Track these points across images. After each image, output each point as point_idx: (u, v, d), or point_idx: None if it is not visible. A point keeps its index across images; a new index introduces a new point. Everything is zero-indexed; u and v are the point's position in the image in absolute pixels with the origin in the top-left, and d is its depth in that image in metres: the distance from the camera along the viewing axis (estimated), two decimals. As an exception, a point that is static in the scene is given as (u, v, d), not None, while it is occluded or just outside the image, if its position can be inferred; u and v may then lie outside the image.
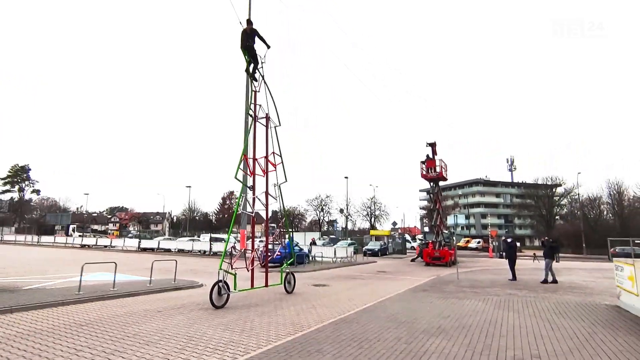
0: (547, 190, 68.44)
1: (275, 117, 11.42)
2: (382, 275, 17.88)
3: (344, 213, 68.46)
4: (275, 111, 11.41)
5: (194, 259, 25.05)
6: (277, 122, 11.44)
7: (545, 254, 14.09)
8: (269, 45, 11.34)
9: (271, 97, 11.39)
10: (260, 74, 11.38)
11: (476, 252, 54.63)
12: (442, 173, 25.94)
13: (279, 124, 11.48)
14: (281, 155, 11.29)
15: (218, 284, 8.58)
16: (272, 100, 11.39)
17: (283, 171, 11.28)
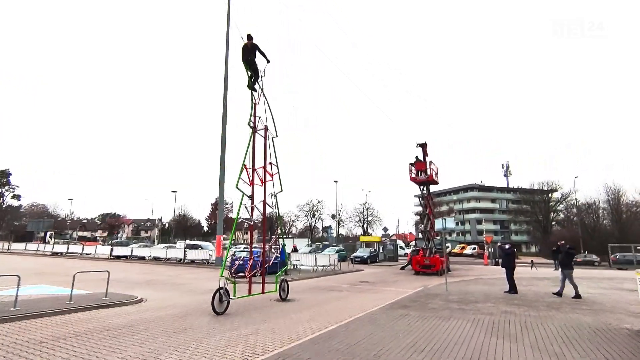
0: (543, 195, 66.95)
1: (273, 129, 11.83)
2: (364, 286, 15.98)
3: (335, 219, 66.76)
4: (273, 123, 11.87)
5: (165, 268, 23.03)
6: (274, 134, 11.84)
7: (562, 263, 11.95)
8: (269, 60, 11.82)
9: (269, 109, 11.88)
10: (260, 87, 11.81)
11: (471, 258, 52.88)
12: (433, 176, 24.16)
13: (276, 135, 11.88)
14: (278, 166, 11.75)
15: (219, 291, 8.90)
16: (270, 112, 11.87)
17: (279, 181, 11.74)
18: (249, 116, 11.25)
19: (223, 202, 25.48)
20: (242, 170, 10.35)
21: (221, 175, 25.43)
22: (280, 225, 14.81)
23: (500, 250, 13.81)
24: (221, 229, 25.48)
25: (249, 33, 11.50)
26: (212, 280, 16.99)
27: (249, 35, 11.42)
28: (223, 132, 25.94)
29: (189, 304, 10.40)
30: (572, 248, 12.01)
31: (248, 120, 11.23)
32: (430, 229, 26.24)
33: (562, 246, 12.15)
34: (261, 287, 11.08)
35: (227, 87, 26.60)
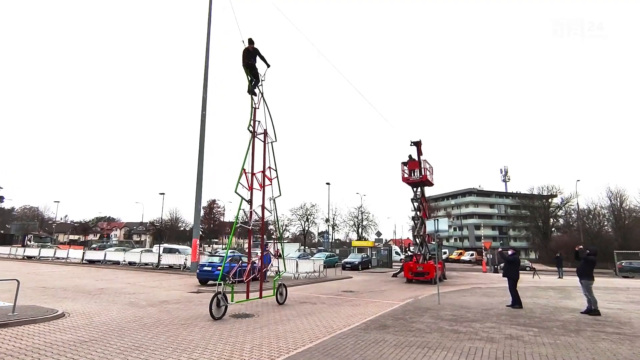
0: (543, 200, 65.14)
1: (272, 133, 11.80)
2: (345, 297, 13.98)
3: (329, 223, 64.70)
4: (272, 127, 11.84)
5: (131, 274, 20.96)
6: (273, 138, 11.80)
7: (580, 272, 9.79)
8: (269, 64, 11.77)
9: (269, 113, 11.84)
10: (260, 92, 11.77)
11: (469, 265, 50.93)
12: (427, 176, 22.24)
13: (275, 139, 11.83)
14: (276, 170, 11.67)
15: (217, 295, 8.91)
16: (270, 116, 11.83)
17: (278, 185, 11.67)
18: (249, 120, 11.18)
19: (200, 204, 23.46)
20: (241, 175, 10.27)
21: (198, 178, 23.50)
22: (278, 229, 14.50)
23: (501, 257, 11.84)
24: (197, 232, 23.50)
25: (250, 37, 11.39)
26: (173, 289, 15.00)
27: (250, 40, 11.35)
28: (201, 136, 24.04)
29: (119, 320, 8.40)
30: (593, 254, 10.00)
31: (247, 125, 11.14)
32: (424, 233, 24.33)
33: (581, 251, 10.12)
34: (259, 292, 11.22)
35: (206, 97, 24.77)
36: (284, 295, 11.73)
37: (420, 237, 22.02)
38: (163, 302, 11.52)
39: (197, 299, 12.29)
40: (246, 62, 11.36)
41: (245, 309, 10.51)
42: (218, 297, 8.91)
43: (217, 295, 8.91)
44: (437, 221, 12.20)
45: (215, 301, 8.85)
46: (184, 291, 14.44)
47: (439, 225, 12.12)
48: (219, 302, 8.92)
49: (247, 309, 10.51)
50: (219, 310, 8.91)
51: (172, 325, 8.00)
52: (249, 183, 10.68)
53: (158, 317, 8.95)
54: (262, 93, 11.82)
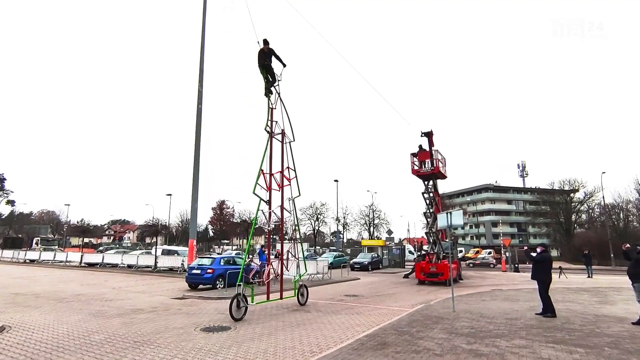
0: (564, 195, 61.94)
1: (290, 133, 11.66)
2: (346, 302, 12.35)
3: (340, 222, 62.99)
4: (290, 127, 11.70)
5: (123, 277, 19.77)
6: (291, 138, 11.66)
7: (632, 273, 7.86)
8: (285, 64, 11.64)
9: (287, 113, 11.69)
10: (277, 92, 11.64)
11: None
12: (439, 168, 20.41)
13: (293, 139, 11.68)
14: (295, 170, 11.56)
15: (237, 297, 8.80)
16: (287, 116, 11.70)
17: (297, 185, 11.54)
18: (266, 121, 11.04)
19: (196, 203, 22.10)
20: (259, 176, 10.20)
21: (195, 175, 22.16)
22: (297, 229, 14.60)
23: (526, 255, 9.93)
24: (194, 233, 22.15)
25: (265, 38, 11.24)
26: (159, 294, 13.63)
27: (265, 40, 11.22)
28: (197, 131, 22.71)
29: (63, 337, 6.98)
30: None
31: (265, 125, 11.00)
32: (437, 229, 22.52)
33: (630, 251, 8.22)
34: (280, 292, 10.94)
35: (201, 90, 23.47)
36: (305, 296, 11.54)
37: (433, 234, 20.21)
38: (137, 310, 10.11)
39: (176, 307, 10.85)
40: (262, 63, 11.26)
41: (225, 319, 8.98)
42: (238, 298, 8.83)
43: (237, 297, 8.83)
44: (450, 214, 10.46)
45: (236, 302, 8.77)
46: (169, 297, 13.05)
47: (452, 219, 10.38)
48: (239, 303, 8.84)
49: (225, 319, 8.99)
50: (239, 312, 8.82)
51: (123, 343, 6.53)
52: (267, 184, 10.50)
53: (114, 331, 7.51)
54: (279, 93, 11.70)
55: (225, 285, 14.42)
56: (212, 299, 12.56)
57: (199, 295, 12.97)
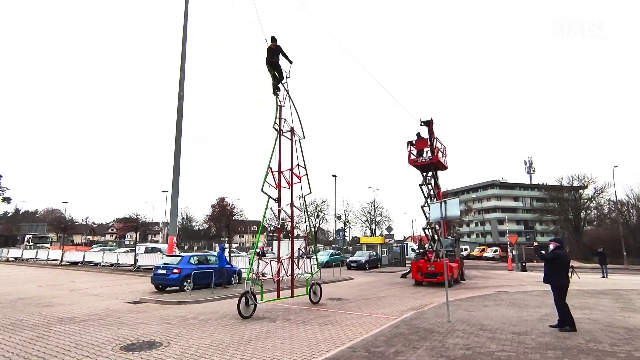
0: (573, 192, 59.54)
1: (300, 130, 11.57)
2: (324, 309, 10.63)
3: (339, 219, 61.28)
4: (299, 124, 11.59)
5: (96, 277, 18.22)
6: (301, 135, 11.55)
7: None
8: (292, 60, 11.61)
9: (296, 110, 11.58)
10: (285, 89, 11.54)
11: (492, 262, 46.64)
12: (439, 157, 18.57)
13: (303, 136, 11.58)
14: (305, 167, 11.38)
15: (245, 294, 8.76)
16: (296, 113, 11.57)
17: (307, 183, 11.36)
18: (274, 118, 10.92)
19: (177, 197, 20.47)
20: (267, 173, 10.11)
21: (175, 166, 20.56)
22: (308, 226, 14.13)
23: (537, 254, 8.07)
24: (174, 229, 20.55)
25: (273, 35, 11.19)
26: (117, 297, 12.01)
27: (273, 38, 11.17)
28: (178, 119, 21.10)
29: None
30: None
31: (273, 123, 10.87)
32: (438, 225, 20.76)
33: None
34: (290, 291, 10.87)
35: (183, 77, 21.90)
36: (318, 294, 11.32)
37: (431, 229, 18.40)
38: (67, 320, 8.48)
39: (119, 315, 9.19)
40: (269, 60, 11.15)
41: (171, 327, 7.29)
42: (247, 295, 8.75)
43: (246, 294, 8.75)
44: (445, 204, 8.69)
45: (244, 300, 8.68)
46: (124, 300, 11.42)
47: (446, 209, 8.61)
48: (247, 300, 8.74)
49: (176, 327, 7.30)
50: (248, 309, 8.77)
51: None
52: (277, 181, 10.36)
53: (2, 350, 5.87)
54: (287, 90, 11.54)
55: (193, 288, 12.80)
56: (171, 304, 10.92)
57: (157, 299, 11.31)
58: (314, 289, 11.27)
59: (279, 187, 10.50)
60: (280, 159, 10.73)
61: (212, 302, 11.46)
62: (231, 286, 14.27)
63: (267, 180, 10.08)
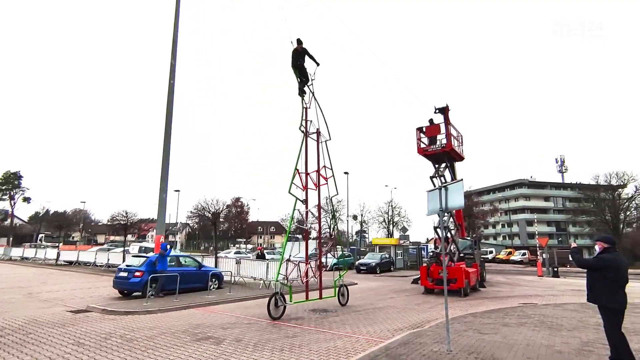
0: (610, 191, 54.82)
1: (326, 132, 11.51)
2: (302, 324, 8.54)
3: (357, 220, 58.91)
4: (325, 125, 11.52)
5: (76, 278, 16.84)
6: (327, 137, 11.50)
7: None
8: (318, 62, 11.50)
9: (321, 112, 11.51)
10: (311, 91, 11.53)
11: (520, 266, 43.14)
12: (452, 145, 16.06)
13: (329, 138, 11.52)
14: (332, 169, 11.31)
15: (275, 296, 8.76)
16: (322, 115, 11.50)
17: (334, 184, 11.38)
18: (300, 120, 11.00)
19: (165, 193, 18.86)
20: (294, 175, 10.14)
21: (164, 158, 18.99)
22: (335, 228, 13.55)
23: (574, 260, 5.57)
24: (162, 228, 18.92)
25: (299, 37, 11.10)
26: (65, 305, 10.35)
27: (299, 40, 11.11)
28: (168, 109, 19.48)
29: None
30: None
31: (299, 125, 10.94)
32: (459, 219, 18.44)
33: None
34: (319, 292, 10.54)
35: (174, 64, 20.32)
36: (345, 296, 11.27)
37: (445, 228, 15.92)
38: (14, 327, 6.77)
39: (33, 329, 7.41)
40: (295, 63, 11.13)
41: (82, 352, 5.42)
42: (276, 297, 8.77)
43: (275, 296, 8.78)
44: (446, 190, 6.43)
45: (274, 301, 8.71)
46: (69, 309, 9.73)
47: (447, 196, 6.36)
48: (277, 302, 8.77)
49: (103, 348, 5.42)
50: (277, 311, 8.77)
51: None
52: (304, 183, 10.42)
53: None
54: (312, 92, 11.52)
55: (156, 293, 11.04)
56: (118, 314, 9.13)
57: (104, 308, 9.53)
58: (341, 291, 11.18)
59: (306, 189, 10.47)
60: (306, 160, 10.70)
61: (168, 311, 9.60)
62: (209, 292, 12.36)
63: (295, 182, 10.04)
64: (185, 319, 8.66)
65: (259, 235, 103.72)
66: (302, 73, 11.31)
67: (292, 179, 10.04)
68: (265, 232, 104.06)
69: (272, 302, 8.63)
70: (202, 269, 13.15)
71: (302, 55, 11.14)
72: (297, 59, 11.12)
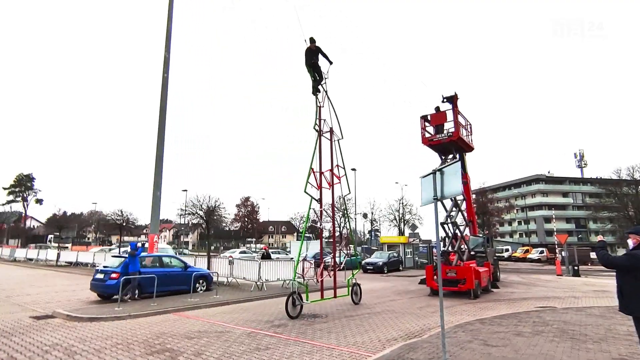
0: (633, 185, 52.18)
1: (338, 131, 11.48)
2: (282, 332, 7.49)
3: (367, 218, 57.66)
4: (338, 124, 11.50)
5: (60, 279, 16.19)
6: (340, 135, 11.48)
7: None
8: (332, 61, 11.53)
9: (334, 111, 11.53)
10: (324, 90, 11.52)
11: (538, 264, 41.29)
12: (460, 134, 14.72)
13: (341, 137, 11.52)
14: (345, 168, 11.39)
15: (292, 295, 8.81)
16: (335, 114, 11.52)
17: (347, 183, 11.32)
18: (314, 119, 10.98)
19: (159, 190, 18.09)
20: (309, 174, 10.16)
21: (158, 154, 18.21)
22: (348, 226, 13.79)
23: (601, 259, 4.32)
24: (156, 227, 18.15)
25: (312, 36, 11.16)
26: (33, 309, 9.55)
27: (312, 39, 11.15)
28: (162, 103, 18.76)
29: None
30: None
31: (313, 124, 10.96)
32: (470, 215, 17.20)
33: None
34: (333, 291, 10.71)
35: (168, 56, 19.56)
36: (358, 294, 11.34)
37: (452, 224, 14.69)
38: None
39: None
40: (309, 62, 11.16)
41: None
42: (294, 296, 8.79)
43: (293, 295, 8.80)
44: (442, 175, 5.29)
45: (291, 300, 8.74)
46: (33, 314, 8.92)
47: (443, 182, 5.23)
48: (294, 301, 8.78)
49: None
50: (295, 310, 8.77)
51: None
52: (318, 182, 10.42)
53: None
54: (326, 91, 11.52)
55: (129, 296, 10.18)
56: (82, 320, 8.26)
57: (69, 314, 8.65)
58: (354, 290, 11.19)
59: (321, 188, 10.46)
60: (320, 159, 10.68)
61: (140, 317, 8.69)
62: (192, 295, 11.41)
63: (310, 181, 10.04)
64: (152, 327, 7.72)
65: (270, 235, 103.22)
66: (317, 71, 11.29)
67: (308, 178, 10.04)
68: (276, 231, 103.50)
69: (290, 302, 8.68)
70: (188, 270, 12.22)
71: (315, 54, 11.15)
72: (311, 57, 11.12)
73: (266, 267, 13.48)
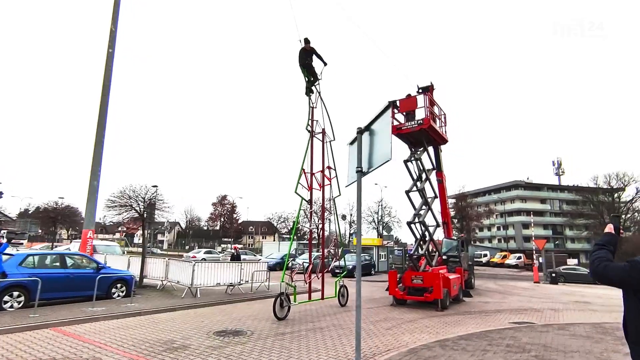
0: (608, 193, 52.38)
1: (330, 132, 11.40)
2: (185, 358, 5.53)
3: (345, 219, 55.98)
4: (330, 126, 11.43)
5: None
6: (332, 137, 11.39)
7: None
8: (326, 62, 11.42)
9: (327, 112, 11.45)
10: (318, 91, 11.46)
11: (516, 270, 40.48)
12: (431, 122, 13.00)
13: (333, 138, 11.43)
14: (335, 169, 11.36)
15: (280, 296, 8.77)
16: (327, 115, 11.43)
17: (337, 185, 11.37)
18: (307, 120, 10.90)
19: (97, 180, 15.85)
20: (300, 175, 10.08)
21: (98, 139, 16.02)
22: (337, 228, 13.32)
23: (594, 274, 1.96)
24: (92, 221, 15.93)
25: (306, 37, 10.99)
26: None
27: (306, 39, 11.01)
28: (105, 79, 16.52)
29: None
30: None
31: (306, 125, 10.88)
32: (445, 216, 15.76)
33: None
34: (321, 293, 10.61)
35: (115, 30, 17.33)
36: (345, 296, 11.24)
37: (420, 223, 12.91)
38: None
39: None
40: (303, 62, 11.04)
41: None
42: (281, 297, 8.72)
43: (281, 296, 8.72)
44: (371, 135, 3.47)
45: (279, 302, 8.67)
46: None
47: (372, 148, 3.40)
48: (282, 302, 8.74)
49: None
50: (282, 311, 8.72)
51: None
52: (309, 183, 10.36)
53: None
54: (319, 92, 11.38)
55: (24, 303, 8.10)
56: None
57: None
58: (341, 292, 11.18)
59: (311, 189, 10.40)
60: (312, 160, 10.58)
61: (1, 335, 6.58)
62: (94, 302, 9.30)
63: (301, 182, 9.96)
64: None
65: (250, 235, 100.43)
66: (310, 72, 11.19)
67: (299, 179, 9.92)
68: (257, 232, 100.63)
69: (278, 303, 8.61)
70: (100, 272, 10.10)
71: (310, 55, 11.05)
72: (305, 58, 11.02)
73: (201, 270, 11.44)
